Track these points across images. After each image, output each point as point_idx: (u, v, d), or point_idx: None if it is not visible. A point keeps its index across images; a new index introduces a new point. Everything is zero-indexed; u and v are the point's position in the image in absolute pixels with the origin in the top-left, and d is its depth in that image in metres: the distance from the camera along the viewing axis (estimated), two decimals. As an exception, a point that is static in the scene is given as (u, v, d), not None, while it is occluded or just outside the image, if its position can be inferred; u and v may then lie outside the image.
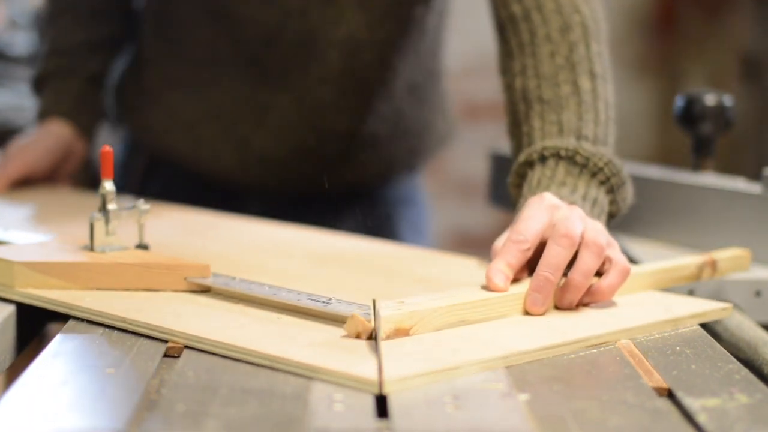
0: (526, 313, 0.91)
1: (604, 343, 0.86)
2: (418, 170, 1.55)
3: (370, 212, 1.50)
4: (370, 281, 1.02)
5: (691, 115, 1.25)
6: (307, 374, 0.76)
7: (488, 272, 0.91)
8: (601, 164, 1.01)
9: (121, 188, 1.47)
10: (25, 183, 1.40)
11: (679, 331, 0.90)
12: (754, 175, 1.19)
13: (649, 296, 0.98)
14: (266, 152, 1.41)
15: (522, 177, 1.05)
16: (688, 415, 0.71)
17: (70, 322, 0.89)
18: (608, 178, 1.02)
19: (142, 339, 0.84)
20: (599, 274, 0.93)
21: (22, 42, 2.39)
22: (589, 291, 0.92)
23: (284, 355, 0.78)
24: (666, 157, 2.94)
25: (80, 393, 0.72)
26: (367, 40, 1.36)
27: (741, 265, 1.07)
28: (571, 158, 1.01)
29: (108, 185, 1.00)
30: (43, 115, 1.45)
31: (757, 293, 1.08)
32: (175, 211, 1.32)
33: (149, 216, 1.03)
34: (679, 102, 1.26)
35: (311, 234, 1.23)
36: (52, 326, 1.00)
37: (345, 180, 1.46)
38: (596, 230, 0.92)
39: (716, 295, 1.07)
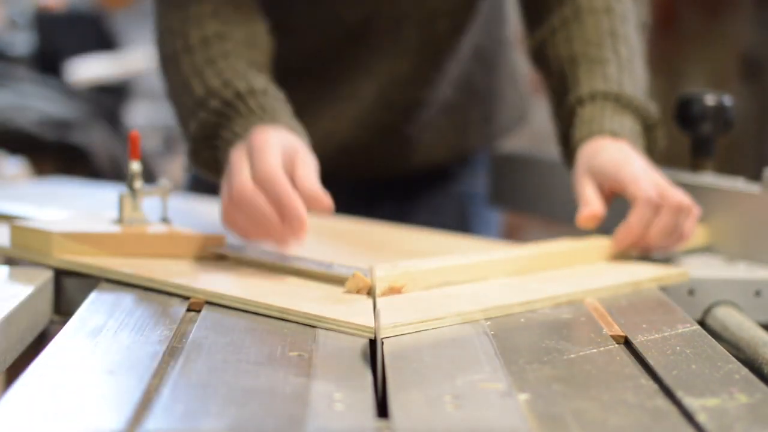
0: (504, 276, 1.03)
1: (572, 301, 0.97)
2: (493, 147, 1.57)
3: (444, 207, 1.54)
4: (366, 253, 1.13)
5: (690, 116, 1.25)
6: (312, 323, 0.87)
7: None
8: (639, 105, 1.20)
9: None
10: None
11: (679, 330, 0.90)
12: (754, 176, 1.19)
13: (615, 263, 1.11)
14: (347, 140, 1.45)
15: (573, 114, 1.22)
16: (688, 415, 0.71)
17: (102, 284, 0.99)
18: (645, 118, 1.21)
19: (166, 296, 0.95)
20: None
21: (22, 42, 2.40)
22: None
23: (293, 306, 0.88)
24: (665, 157, 2.93)
25: (80, 393, 0.72)
26: (443, 9, 1.39)
27: (699, 240, 1.17)
28: (616, 99, 1.20)
29: (135, 166, 1.09)
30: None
31: (757, 293, 1.08)
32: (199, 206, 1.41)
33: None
34: (678, 102, 1.26)
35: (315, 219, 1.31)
36: (52, 327, 1.01)
37: (423, 158, 1.49)
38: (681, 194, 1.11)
39: (717, 295, 1.08)
